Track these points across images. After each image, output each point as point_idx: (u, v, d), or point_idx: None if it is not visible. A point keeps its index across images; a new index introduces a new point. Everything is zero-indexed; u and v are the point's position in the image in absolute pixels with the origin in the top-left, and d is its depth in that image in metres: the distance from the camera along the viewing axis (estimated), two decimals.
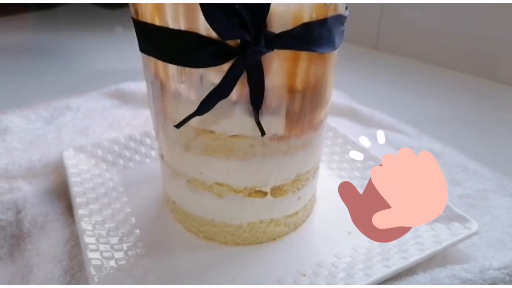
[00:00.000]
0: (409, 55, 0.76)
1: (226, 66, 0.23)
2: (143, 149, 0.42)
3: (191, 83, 0.25)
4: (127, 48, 0.79)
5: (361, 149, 0.41)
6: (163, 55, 0.24)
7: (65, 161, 0.38)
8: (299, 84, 0.25)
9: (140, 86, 0.57)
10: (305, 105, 0.27)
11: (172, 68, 0.25)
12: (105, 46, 0.83)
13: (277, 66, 0.24)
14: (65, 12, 1.02)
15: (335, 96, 0.54)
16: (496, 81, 0.65)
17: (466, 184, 0.40)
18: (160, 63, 0.26)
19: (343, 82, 0.53)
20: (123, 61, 0.73)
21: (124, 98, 0.57)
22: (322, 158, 0.38)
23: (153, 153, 0.42)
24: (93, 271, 0.27)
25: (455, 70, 0.70)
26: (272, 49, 0.23)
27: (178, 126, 0.26)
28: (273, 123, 0.26)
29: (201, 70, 0.24)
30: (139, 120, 0.51)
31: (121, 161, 0.41)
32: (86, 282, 0.29)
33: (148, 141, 0.43)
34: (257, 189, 0.29)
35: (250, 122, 0.26)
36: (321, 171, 0.36)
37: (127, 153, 0.42)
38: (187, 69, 0.24)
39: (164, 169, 0.33)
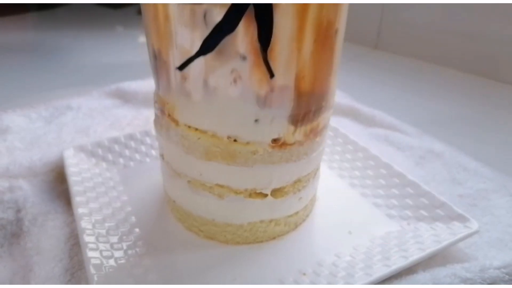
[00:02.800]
0: (410, 55, 0.76)
1: None
2: (143, 148, 0.42)
3: (194, 25, 0.23)
4: (129, 47, 0.80)
5: (362, 149, 0.41)
6: None
7: (65, 160, 0.38)
8: (310, 27, 0.23)
9: (141, 86, 0.57)
10: (309, 103, 0.26)
11: (173, 8, 0.23)
12: (106, 46, 0.82)
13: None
14: (66, 12, 1.02)
15: (336, 96, 0.54)
16: (497, 80, 0.65)
17: (467, 184, 0.39)
18: (160, 8, 0.24)
19: (344, 82, 0.53)
20: (125, 61, 0.73)
21: (125, 98, 0.56)
22: (323, 158, 0.38)
23: (153, 152, 0.42)
24: (92, 270, 0.27)
25: (456, 70, 0.70)
26: None
27: (180, 68, 0.25)
28: (276, 121, 0.26)
29: (205, 6, 0.22)
30: (140, 120, 0.51)
31: (121, 160, 0.41)
32: (86, 281, 0.29)
33: (148, 140, 0.43)
34: (258, 191, 0.29)
35: (252, 126, 0.26)
36: (322, 171, 0.35)
37: (127, 152, 0.42)
38: (189, 8, 0.23)
39: (165, 169, 0.33)
